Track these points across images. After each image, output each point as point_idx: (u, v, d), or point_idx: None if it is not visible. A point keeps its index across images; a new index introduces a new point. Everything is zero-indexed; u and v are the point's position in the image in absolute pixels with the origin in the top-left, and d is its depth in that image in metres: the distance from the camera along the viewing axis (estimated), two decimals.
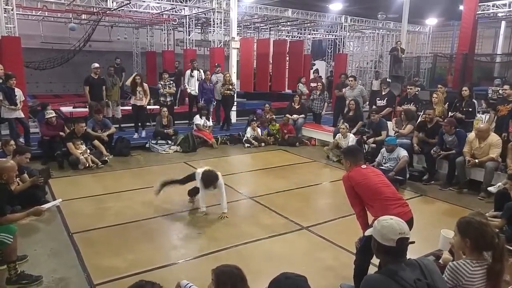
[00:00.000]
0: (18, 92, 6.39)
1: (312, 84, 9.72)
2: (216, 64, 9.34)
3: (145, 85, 7.85)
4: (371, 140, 6.51)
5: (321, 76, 11.40)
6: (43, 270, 3.05)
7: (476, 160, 5.02)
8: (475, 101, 6.54)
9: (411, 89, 7.14)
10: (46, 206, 3.30)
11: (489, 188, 4.78)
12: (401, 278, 1.58)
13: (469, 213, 3.33)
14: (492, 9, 11.34)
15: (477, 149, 5.12)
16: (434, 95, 6.45)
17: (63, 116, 7.95)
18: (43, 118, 6.41)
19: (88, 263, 3.18)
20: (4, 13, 7.57)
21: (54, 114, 6.36)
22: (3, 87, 6.26)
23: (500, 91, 7.73)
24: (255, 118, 8.27)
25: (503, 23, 15.01)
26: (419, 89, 9.14)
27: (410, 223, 2.73)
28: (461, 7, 11.57)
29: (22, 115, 6.50)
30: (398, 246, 1.66)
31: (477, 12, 11.14)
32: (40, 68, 12.55)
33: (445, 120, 5.62)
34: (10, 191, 3.25)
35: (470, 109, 6.26)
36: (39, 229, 3.84)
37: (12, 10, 7.68)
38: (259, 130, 8.08)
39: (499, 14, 11.87)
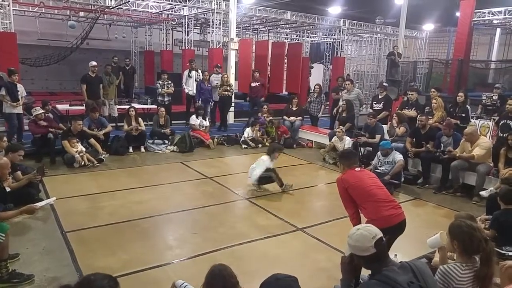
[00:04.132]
0: (20, 87, 6.35)
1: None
2: (217, 65, 9.33)
3: (140, 120, 7.16)
4: (363, 139, 6.54)
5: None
6: (35, 269, 3.02)
7: (457, 154, 5.14)
8: (468, 107, 6.62)
9: (412, 94, 7.02)
10: (39, 204, 3.27)
11: (481, 193, 4.83)
12: (396, 282, 1.60)
13: (458, 214, 3.37)
14: (488, 16, 11.47)
15: (469, 152, 5.19)
16: (434, 101, 6.50)
17: (59, 113, 7.88)
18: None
19: (81, 262, 3.16)
20: (0, 9, 7.53)
21: (41, 111, 6.25)
22: (6, 82, 6.21)
23: (494, 97, 7.80)
24: (255, 120, 8.27)
25: (498, 30, 15.20)
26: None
27: (402, 224, 2.77)
28: (458, 14, 11.69)
29: (21, 111, 6.46)
30: (378, 249, 1.67)
31: (473, 19, 11.28)
32: (36, 65, 12.41)
33: (444, 123, 5.74)
34: (2, 188, 3.23)
35: (463, 115, 6.34)
36: (32, 227, 3.80)
37: (8, 6, 7.63)
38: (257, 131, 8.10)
39: (494, 21, 12.02)
